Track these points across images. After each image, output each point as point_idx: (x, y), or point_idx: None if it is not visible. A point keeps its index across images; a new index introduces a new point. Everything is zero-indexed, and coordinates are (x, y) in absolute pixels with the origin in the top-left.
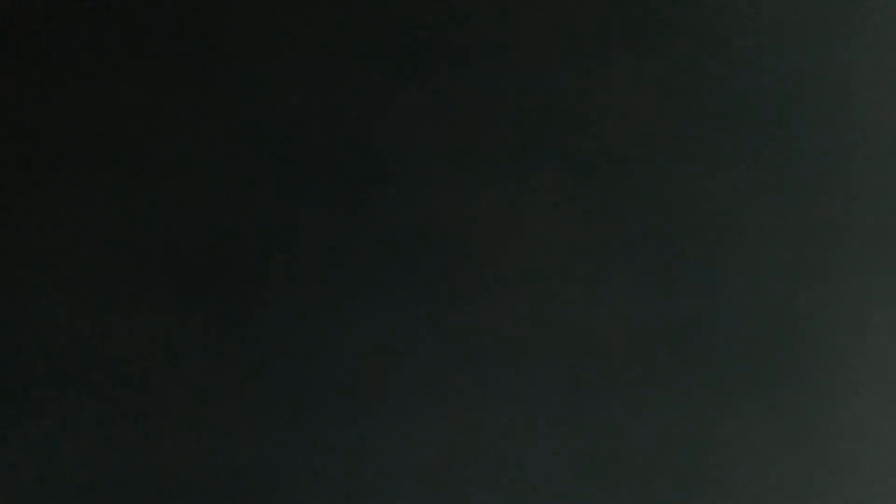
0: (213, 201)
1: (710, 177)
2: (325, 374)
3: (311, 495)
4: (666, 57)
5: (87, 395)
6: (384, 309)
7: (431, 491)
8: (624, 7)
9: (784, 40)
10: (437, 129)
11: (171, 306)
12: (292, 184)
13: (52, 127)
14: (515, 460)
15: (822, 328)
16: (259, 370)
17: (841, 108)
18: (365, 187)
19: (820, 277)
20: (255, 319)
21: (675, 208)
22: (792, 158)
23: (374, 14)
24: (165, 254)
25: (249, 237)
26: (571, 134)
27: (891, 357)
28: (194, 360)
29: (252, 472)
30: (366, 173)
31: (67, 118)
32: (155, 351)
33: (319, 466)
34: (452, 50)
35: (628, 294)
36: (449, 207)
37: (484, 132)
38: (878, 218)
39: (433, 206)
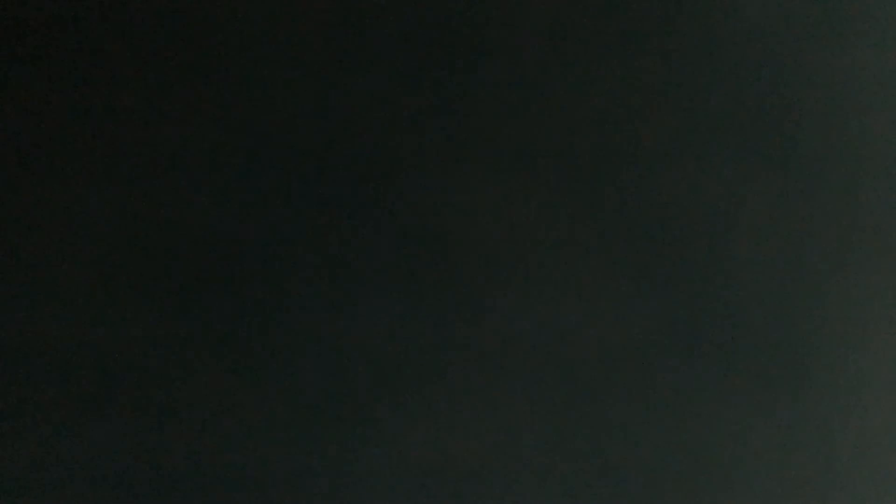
0: (213, 202)
1: (710, 176)
2: (326, 374)
3: (311, 495)
4: (666, 57)
5: (87, 395)
6: (384, 309)
7: (432, 490)
8: (623, 7)
9: (784, 40)
10: (438, 129)
11: (170, 307)
12: (293, 184)
13: (52, 127)
14: (516, 460)
15: (822, 328)
16: (259, 370)
17: (841, 108)
18: (365, 188)
19: (820, 277)
20: (255, 320)
21: (675, 208)
22: (792, 158)
23: (375, 15)
24: (165, 254)
25: (250, 238)
26: (571, 134)
27: (891, 357)
28: (194, 360)
29: (252, 471)
30: (366, 173)
31: (67, 118)
32: (155, 351)
33: (320, 466)
34: (453, 51)
35: (628, 294)
36: (449, 207)
37: (484, 132)
38: (878, 218)
39: (433, 206)
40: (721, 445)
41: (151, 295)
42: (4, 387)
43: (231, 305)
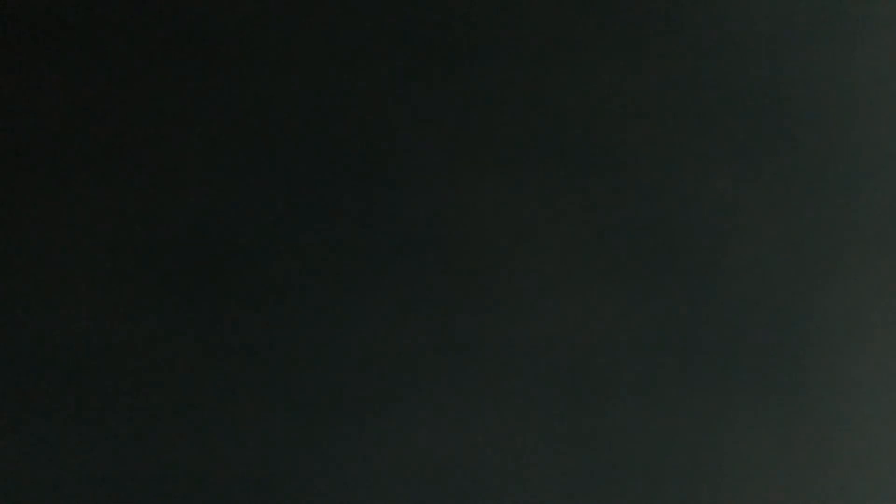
0: (213, 201)
1: (709, 177)
2: (326, 374)
3: (311, 495)
4: (666, 57)
5: (87, 395)
6: (384, 309)
7: (432, 491)
8: (623, 8)
9: (784, 40)
10: (438, 129)
11: (170, 306)
12: (292, 184)
13: (52, 128)
14: (516, 460)
15: (822, 328)
16: (259, 371)
17: (841, 108)
18: (365, 187)
19: (820, 277)
20: (255, 320)
21: (675, 208)
22: (792, 158)
23: (375, 14)
24: (164, 255)
25: (249, 238)
26: (571, 134)
27: (891, 357)
28: (195, 360)
29: (252, 472)
30: (366, 173)
31: (68, 119)
32: (154, 351)
33: (320, 466)
34: (452, 51)
35: (628, 294)
36: (449, 207)
37: (484, 132)
38: (878, 218)
39: (433, 206)
40: (720, 446)
41: (151, 295)
42: (4, 387)
43: (231, 305)
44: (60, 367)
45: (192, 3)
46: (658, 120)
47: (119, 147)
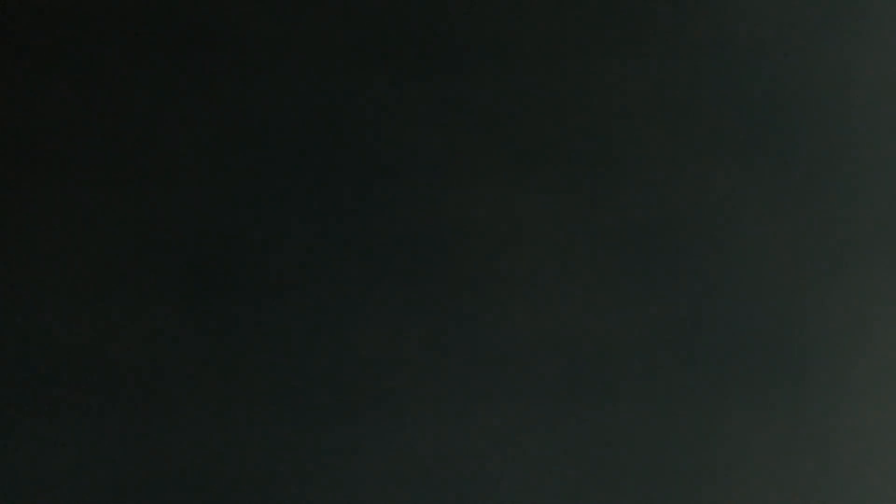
0: (213, 202)
1: (709, 177)
2: (326, 373)
3: (310, 495)
4: (666, 58)
5: (87, 395)
6: (384, 309)
7: (431, 491)
8: (623, 7)
9: (783, 40)
10: (437, 129)
11: (171, 306)
12: (292, 184)
13: (52, 127)
14: (515, 460)
15: (822, 328)
16: (259, 370)
17: (841, 107)
18: (365, 188)
19: (820, 277)
20: (255, 320)
21: (674, 208)
22: (792, 158)
23: (374, 14)
24: (166, 254)
25: (249, 238)
26: (571, 135)
27: (891, 357)
28: (195, 360)
29: (252, 471)
30: (366, 174)
31: (68, 118)
32: (155, 351)
33: (320, 466)
34: (452, 51)
35: (628, 294)
36: (449, 208)
37: (483, 133)
38: (878, 218)
39: (433, 206)
40: (720, 446)
41: (151, 295)
42: (4, 387)
43: (231, 305)
44: (60, 367)
45: (192, 2)
46: (658, 120)
47: (119, 147)
